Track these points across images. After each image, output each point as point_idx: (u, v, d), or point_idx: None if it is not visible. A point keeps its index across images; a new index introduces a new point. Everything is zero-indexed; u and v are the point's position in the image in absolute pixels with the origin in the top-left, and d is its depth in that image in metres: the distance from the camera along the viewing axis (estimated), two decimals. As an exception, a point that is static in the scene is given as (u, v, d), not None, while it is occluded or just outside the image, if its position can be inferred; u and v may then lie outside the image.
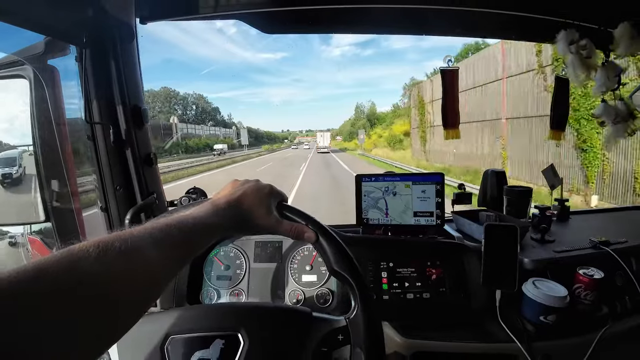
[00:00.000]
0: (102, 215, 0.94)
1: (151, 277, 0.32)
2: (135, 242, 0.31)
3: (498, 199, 1.11)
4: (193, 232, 0.38)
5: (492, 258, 0.77)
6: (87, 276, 0.26)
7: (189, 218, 0.39)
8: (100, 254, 0.28)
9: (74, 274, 0.26)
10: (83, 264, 0.27)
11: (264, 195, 0.48)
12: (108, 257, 0.28)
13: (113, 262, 0.29)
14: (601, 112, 1.13)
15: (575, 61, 1.03)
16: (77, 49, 0.86)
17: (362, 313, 0.46)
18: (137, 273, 0.30)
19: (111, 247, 0.29)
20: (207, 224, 0.41)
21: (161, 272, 0.34)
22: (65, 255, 0.26)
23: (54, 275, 0.25)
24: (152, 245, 0.33)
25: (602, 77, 1.05)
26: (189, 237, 0.38)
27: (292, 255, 0.95)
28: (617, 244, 0.91)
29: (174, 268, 0.36)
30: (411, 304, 0.83)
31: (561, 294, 0.73)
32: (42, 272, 0.24)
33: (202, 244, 0.40)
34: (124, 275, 0.29)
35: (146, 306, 0.33)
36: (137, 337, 0.47)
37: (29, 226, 1.15)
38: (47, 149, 0.91)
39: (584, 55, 1.02)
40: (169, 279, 0.36)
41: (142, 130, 0.96)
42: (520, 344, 0.70)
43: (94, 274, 0.27)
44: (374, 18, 1.14)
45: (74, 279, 0.26)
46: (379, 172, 1.04)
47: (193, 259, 0.41)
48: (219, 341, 0.46)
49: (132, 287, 0.30)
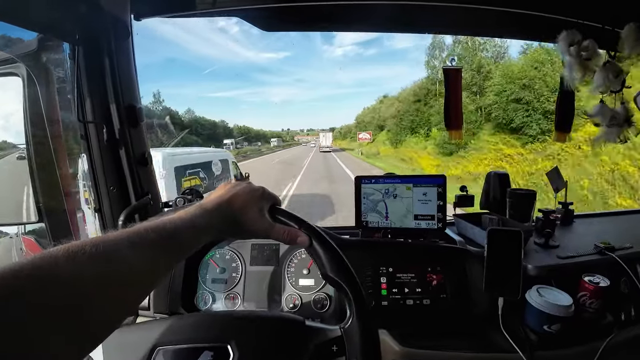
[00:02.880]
0: (96, 216, 0.92)
1: (128, 281, 0.31)
2: (108, 246, 0.30)
3: (501, 202, 1.09)
4: (175, 235, 0.37)
5: (495, 264, 0.75)
6: (57, 279, 0.26)
7: (172, 220, 0.38)
8: (70, 257, 0.27)
9: (44, 277, 0.25)
10: (53, 267, 0.26)
11: (256, 198, 0.46)
12: (77, 261, 0.27)
13: (83, 266, 0.28)
14: (597, 112, 1.11)
15: (573, 63, 1.01)
16: (70, 46, 0.84)
17: (357, 322, 0.44)
18: (110, 277, 0.29)
19: (81, 251, 0.28)
20: (192, 226, 0.39)
21: (139, 276, 0.32)
22: (39, 258, 0.26)
23: (27, 277, 0.24)
24: (127, 249, 0.32)
25: (602, 77, 1.03)
26: (170, 240, 0.36)
27: (289, 258, 0.93)
28: (622, 250, 0.89)
29: (156, 272, 0.35)
30: (411, 310, 0.81)
31: (566, 303, 0.71)
32: (17, 273, 0.24)
33: (187, 246, 0.39)
34: (96, 279, 0.28)
35: (124, 311, 0.32)
36: (124, 348, 0.46)
37: (23, 226, 1.14)
38: (39, 148, 0.89)
39: (584, 57, 1.00)
40: (151, 282, 0.35)
41: (137, 129, 0.94)
42: (523, 354, 0.68)
43: (64, 277, 0.26)
44: (375, 16, 1.12)
45: (45, 281, 0.25)
46: (379, 174, 1.02)
47: (187, 261, 0.39)
48: (208, 353, 0.44)
49: (106, 291, 0.29)
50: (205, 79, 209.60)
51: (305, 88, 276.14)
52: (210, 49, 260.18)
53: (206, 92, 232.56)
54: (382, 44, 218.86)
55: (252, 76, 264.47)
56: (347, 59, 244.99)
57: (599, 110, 1.09)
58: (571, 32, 1.00)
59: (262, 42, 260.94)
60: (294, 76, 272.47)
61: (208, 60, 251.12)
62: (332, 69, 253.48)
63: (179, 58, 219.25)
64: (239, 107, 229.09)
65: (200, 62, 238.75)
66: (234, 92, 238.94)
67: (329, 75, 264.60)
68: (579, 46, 1.00)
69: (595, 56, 1.00)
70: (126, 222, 0.86)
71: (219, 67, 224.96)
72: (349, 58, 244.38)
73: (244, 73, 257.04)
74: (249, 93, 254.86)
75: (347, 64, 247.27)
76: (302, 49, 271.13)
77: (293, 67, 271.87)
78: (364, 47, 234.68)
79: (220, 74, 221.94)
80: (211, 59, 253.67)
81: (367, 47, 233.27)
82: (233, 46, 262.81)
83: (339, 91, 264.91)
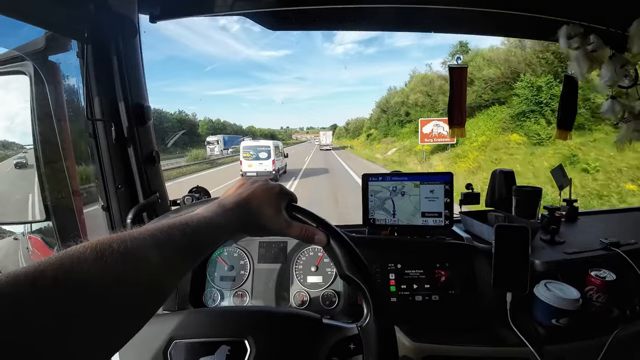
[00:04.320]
0: (104, 215, 0.92)
1: (153, 280, 0.31)
2: (134, 244, 0.30)
3: (507, 199, 1.09)
4: (198, 234, 0.36)
5: (503, 260, 0.75)
6: (86, 279, 0.25)
7: (194, 219, 0.37)
8: (98, 255, 0.26)
9: (73, 277, 0.24)
10: (82, 267, 0.25)
11: (274, 196, 0.46)
12: (106, 260, 0.27)
13: (111, 265, 0.27)
14: (607, 109, 1.10)
15: (579, 55, 1.01)
16: (78, 45, 0.84)
17: (374, 321, 0.44)
18: (137, 276, 0.29)
19: (109, 249, 0.27)
20: (213, 225, 0.39)
21: (164, 276, 0.32)
22: (63, 257, 0.25)
23: (53, 278, 0.23)
24: (153, 248, 0.31)
25: (609, 71, 1.02)
26: (193, 239, 0.36)
27: (297, 255, 0.93)
28: (627, 245, 0.90)
29: (178, 271, 0.35)
30: (420, 306, 0.81)
31: (574, 297, 0.71)
32: (41, 274, 0.23)
33: (208, 245, 0.39)
34: (124, 278, 0.28)
35: (149, 311, 0.31)
36: (140, 340, 0.45)
37: (30, 225, 1.13)
38: (47, 146, 0.89)
39: (589, 50, 1.00)
40: (173, 282, 0.35)
41: (145, 127, 0.94)
42: (532, 348, 0.69)
43: (93, 276, 0.25)
44: (377, 15, 1.13)
45: (73, 282, 0.24)
46: (385, 172, 1.02)
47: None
48: (225, 347, 0.44)
49: (133, 290, 0.29)
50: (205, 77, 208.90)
51: (306, 86, 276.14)
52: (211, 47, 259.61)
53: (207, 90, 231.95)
54: (383, 42, 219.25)
55: (253, 74, 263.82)
56: (348, 57, 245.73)
57: (609, 106, 1.09)
58: (570, 26, 1.00)
59: (263, 40, 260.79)
60: (294, 74, 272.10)
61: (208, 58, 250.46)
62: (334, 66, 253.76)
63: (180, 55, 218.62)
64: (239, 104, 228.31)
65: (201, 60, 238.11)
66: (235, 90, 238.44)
67: (330, 73, 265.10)
68: (580, 38, 1.00)
69: (601, 49, 0.99)
70: (134, 221, 0.86)
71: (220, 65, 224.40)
72: (350, 56, 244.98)
73: (244, 71, 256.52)
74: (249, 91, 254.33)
75: (349, 62, 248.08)
76: (303, 47, 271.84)
77: (294, 65, 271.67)
78: (365, 46, 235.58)
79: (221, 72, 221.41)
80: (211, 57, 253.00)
81: (368, 46, 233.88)
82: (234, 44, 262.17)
83: (341, 89, 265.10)
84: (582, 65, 1.03)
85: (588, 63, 1.02)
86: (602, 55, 1.02)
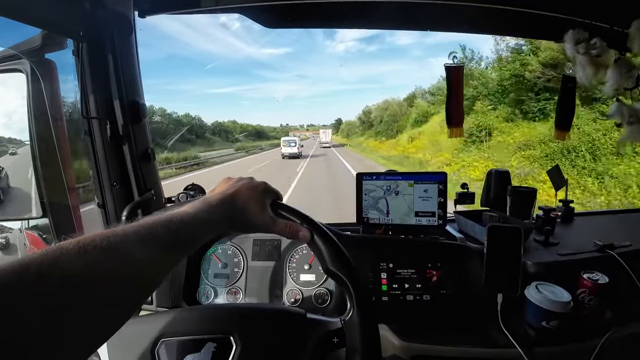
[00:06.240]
0: (99, 212, 0.93)
1: (137, 276, 0.31)
2: (117, 239, 0.30)
3: (502, 199, 1.09)
4: (182, 230, 0.37)
5: (494, 260, 0.75)
6: (69, 274, 0.25)
7: (179, 215, 0.38)
8: (81, 251, 0.27)
9: (56, 272, 0.25)
10: (65, 262, 0.26)
11: (259, 193, 0.47)
12: (89, 255, 0.27)
13: (94, 260, 0.28)
14: (614, 112, 1.09)
15: (584, 61, 1.00)
16: (74, 43, 0.84)
17: (357, 315, 0.44)
18: (121, 272, 0.29)
19: (92, 245, 0.28)
20: (198, 221, 0.39)
21: (149, 271, 0.33)
22: (47, 253, 0.26)
23: (37, 274, 0.24)
24: (136, 243, 0.32)
25: (615, 75, 1.01)
26: (177, 235, 0.36)
27: (291, 253, 0.93)
28: (621, 248, 0.89)
29: (163, 267, 0.35)
30: (411, 305, 0.81)
31: (565, 299, 0.71)
32: (27, 267, 0.24)
33: (193, 241, 0.39)
34: (108, 273, 0.28)
35: (133, 307, 0.32)
36: (128, 339, 0.47)
37: (27, 222, 1.14)
38: (43, 144, 0.90)
39: (594, 54, 1.00)
40: (159, 277, 0.35)
41: (140, 125, 0.95)
42: (522, 350, 0.69)
43: (76, 271, 0.26)
44: (377, 13, 1.12)
45: (56, 277, 0.25)
46: (380, 171, 1.03)
47: (190, 256, 0.39)
48: (211, 344, 0.45)
49: (117, 286, 0.29)
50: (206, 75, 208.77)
51: (306, 84, 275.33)
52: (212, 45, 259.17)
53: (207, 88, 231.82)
54: (384, 40, 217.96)
55: (253, 72, 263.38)
56: (349, 54, 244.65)
57: (616, 109, 1.08)
58: (577, 30, 0.99)
59: (263, 38, 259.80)
60: (295, 72, 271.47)
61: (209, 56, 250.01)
62: (335, 64, 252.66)
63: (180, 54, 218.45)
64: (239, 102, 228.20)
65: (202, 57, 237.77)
66: (235, 88, 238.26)
67: (331, 71, 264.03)
68: (586, 44, 0.99)
69: (605, 53, 0.99)
70: (129, 218, 0.87)
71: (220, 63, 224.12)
72: (351, 54, 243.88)
73: (244, 69, 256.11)
74: (249, 89, 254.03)
75: (349, 60, 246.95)
76: (303, 45, 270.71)
77: (294, 63, 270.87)
78: (366, 43, 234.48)
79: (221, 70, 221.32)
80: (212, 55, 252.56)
81: (369, 43, 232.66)
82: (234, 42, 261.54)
83: (342, 87, 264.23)
84: (587, 71, 1.02)
85: (593, 68, 1.02)
86: (607, 60, 1.02)
